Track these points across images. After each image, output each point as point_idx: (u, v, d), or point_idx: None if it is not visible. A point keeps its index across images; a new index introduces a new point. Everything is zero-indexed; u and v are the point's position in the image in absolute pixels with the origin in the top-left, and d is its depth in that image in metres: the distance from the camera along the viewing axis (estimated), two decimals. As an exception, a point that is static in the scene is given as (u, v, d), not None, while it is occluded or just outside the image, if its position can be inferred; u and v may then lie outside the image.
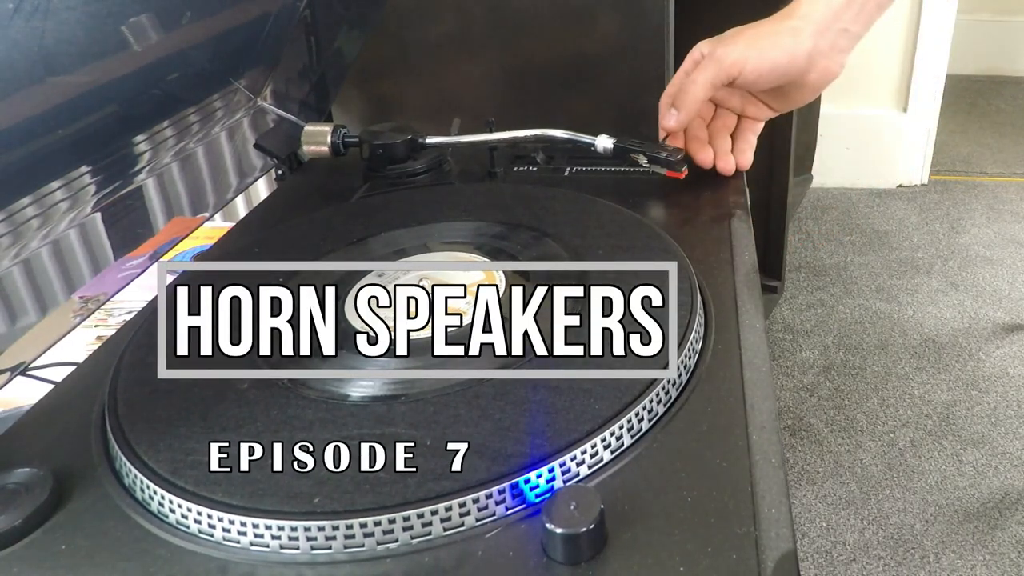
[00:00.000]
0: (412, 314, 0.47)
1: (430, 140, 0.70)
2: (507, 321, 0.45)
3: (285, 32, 0.73)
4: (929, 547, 1.02)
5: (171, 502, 0.35)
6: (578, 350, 0.42)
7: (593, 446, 0.35)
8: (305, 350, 0.45)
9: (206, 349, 0.46)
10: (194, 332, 0.48)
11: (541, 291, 0.48)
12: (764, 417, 0.38)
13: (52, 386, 0.46)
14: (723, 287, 0.50)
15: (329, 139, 0.73)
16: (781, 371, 1.36)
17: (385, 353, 0.44)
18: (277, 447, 0.37)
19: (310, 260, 0.54)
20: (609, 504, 0.32)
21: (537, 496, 0.34)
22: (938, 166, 2.08)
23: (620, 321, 0.45)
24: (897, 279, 1.62)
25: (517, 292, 0.48)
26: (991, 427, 1.22)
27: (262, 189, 1.07)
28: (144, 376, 0.44)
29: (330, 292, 0.50)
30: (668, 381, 0.39)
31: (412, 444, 0.37)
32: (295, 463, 0.36)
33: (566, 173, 0.70)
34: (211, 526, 0.34)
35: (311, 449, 0.37)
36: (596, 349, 0.42)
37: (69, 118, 0.49)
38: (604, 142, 0.64)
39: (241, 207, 1.16)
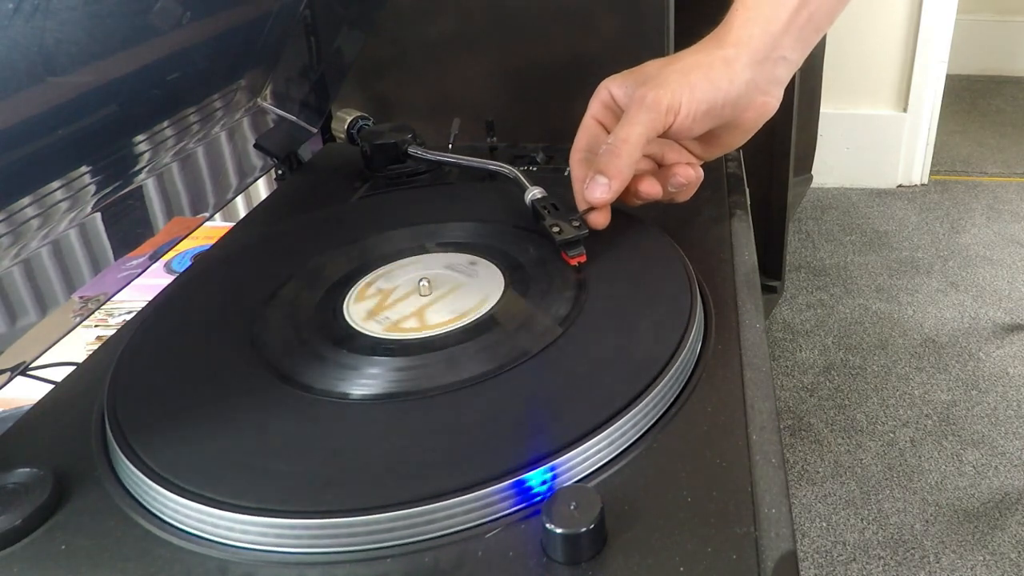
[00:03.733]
0: (411, 314, 0.47)
1: (411, 150, 0.70)
2: (507, 321, 0.45)
3: (285, 32, 0.73)
4: (929, 547, 1.02)
5: (171, 502, 0.35)
6: (578, 350, 0.42)
7: (593, 446, 0.35)
8: (305, 350, 0.45)
9: (206, 348, 0.46)
10: (193, 331, 0.49)
11: (541, 291, 0.48)
12: (764, 417, 0.38)
13: (52, 386, 0.46)
14: (723, 287, 0.50)
15: (345, 127, 0.74)
16: (781, 371, 1.36)
17: (384, 353, 0.44)
18: (277, 446, 0.37)
19: (310, 260, 0.54)
20: (609, 504, 0.32)
21: (537, 496, 0.34)
22: (938, 166, 2.08)
23: (620, 321, 0.45)
24: (897, 279, 1.62)
25: (517, 292, 0.48)
26: (991, 427, 1.22)
27: (262, 189, 1.07)
28: (144, 376, 0.44)
29: (329, 292, 0.51)
30: (668, 381, 0.39)
31: (412, 444, 0.37)
32: (295, 462, 0.36)
33: (566, 173, 0.70)
34: (211, 526, 0.34)
35: (311, 448, 0.37)
36: (596, 349, 0.42)
37: (69, 118, 0.49)
38: (530, 195, 0.56)
39: (241, 207, 1.16)
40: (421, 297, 0.49)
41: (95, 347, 0.51)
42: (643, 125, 0.47)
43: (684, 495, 0.34)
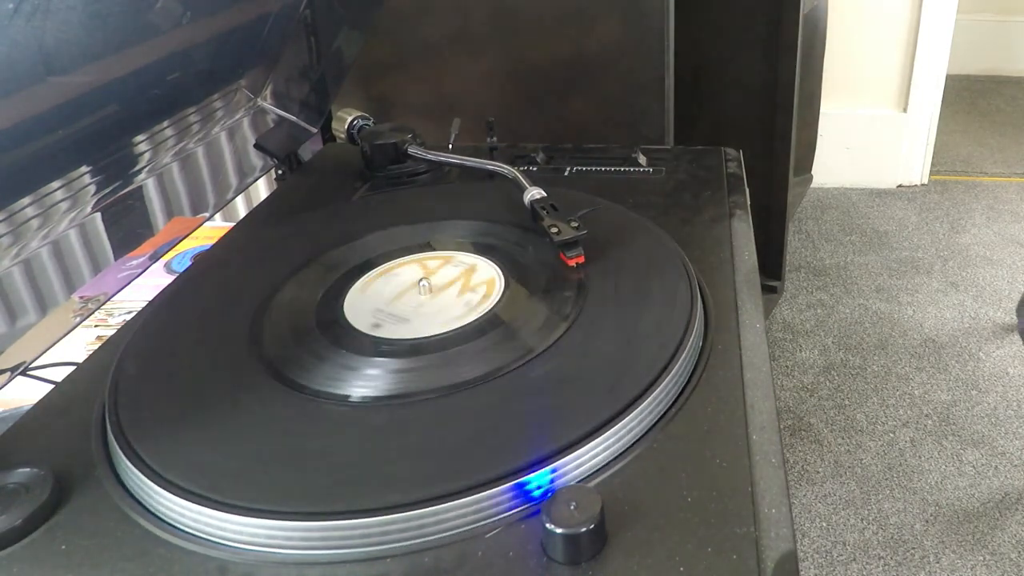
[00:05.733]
0: (411, 314, 0.47)
1: (412, 150, 0.70)
2: (507, 321, 0.45)
3: (285, 32, 0.73)
4: (929, 547, 1.02)
5: (171, 502, 0.35)
6: (577, 351, 0.42)
7: (593, 446, 0.35)
8: (305, 350, 0.45)
9: (206, 349, 0.46)
10: (193, 331, 0.49)
11: (541, 292, 0.48)
12: (764, 417, 0.38)
13: (52, 386, 0.46)
14: (723, 287, 0.50)
15: (345, 127, 0.74)
16: (781, 371, 1.36)
17: (385, 353, 0.44)
18: (277, 447, 0.37)
19: (309, 260, 0.54)
20: (609, 504, 0.32)
21: (537, 496, 0.34)
22: (938, 166, 2.08)
23: (619, 321, 0.45)
24: (897, 279, 1.62)
25: (517, 292, 0.48)
26: (991, 427, 1.22)
27: (262, 189, 1.07)
28: (144, 376, 0.44)
29: (329, 292, 0.51)
30: (668, 381, 0.39)
31: (412, 445, 0.37)
32: (295, 463, 0.36)
33: (566, 173, 0.70)
34: (211, 526, 0.34)
35: (311, 449, 0.37)
36: (596, 349, 0.42)
37: (69, 118, 0.49)
38: (528, 195, 0.57)
39: (241, 207, 1.16)
40: (421, 297, 0.49)
41: (95, 347, 0.51)
42: None
43: (684, 495, 0.34)
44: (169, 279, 0.59)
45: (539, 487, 0.34)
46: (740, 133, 1.26)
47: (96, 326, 0.83)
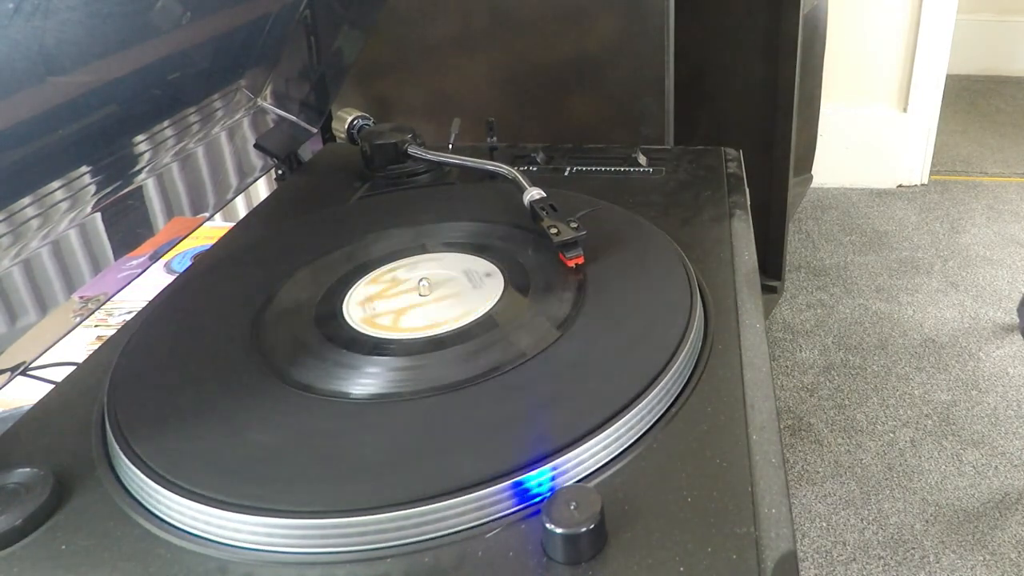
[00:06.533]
0: (411, 314, 0.47)
1: (412, 150, 0.70)
2: (507, 321, 0.45)
3: (285, 32, 0.73)
4: (929, 547, 1.02)
5: (171, 502, 0.35)
6: (578, 350, 0.42)
7: (593, 446, 0.35)
8: (305, 350, 0.45)
9: (206, 348, 0.46)
10: (193, 331, 0.49)
11: (541, 291, 0.48)
12: (764, 417, 0.38)
13: (52, 386, 0.46)
14: (723, 287, 0.50)
15: (345, 127, 0.74)
16: (781, 371, 1.36)
17: (384, 353, 0.44)
18: (276, 446, 0.37)
19: (309, 261, 0.54)
20: (609, 504, 0.32)
21: (537, 496, 0.34)
22: (938, 166, 2.08)
23: (619, 321, 0.45)
24: (897, 279, 1.62)
25: (517, 292, 0.48)
26: (991, 427, 1.22)
27: (262, 189, 1.07)
28: (144, 376, 0.44)
29: (329, 292, 0.51)
30: (668, 381, 0.39)
31: (412, 444, 0.37)
32: (294, 462, 0.36)
33: (566, 173, 0.70)
34: (211, 526, 0.34)
35: (311, 449, 0.37)
36: (596, 349, 0.42)
37: (69, 118, 0.49)
38: (528, 196, 0.57)
39: (241, 207, 1.16)
40: (421, 297, 0.49)
41: (95, 347, 0.51)
42: None
43: (684, 495, 0.34)
44: (169, 279, 0.59)
45: (539, 487, 0.34)
46: (740, 133, 1.26)
47: (96, 326, 0.83)
